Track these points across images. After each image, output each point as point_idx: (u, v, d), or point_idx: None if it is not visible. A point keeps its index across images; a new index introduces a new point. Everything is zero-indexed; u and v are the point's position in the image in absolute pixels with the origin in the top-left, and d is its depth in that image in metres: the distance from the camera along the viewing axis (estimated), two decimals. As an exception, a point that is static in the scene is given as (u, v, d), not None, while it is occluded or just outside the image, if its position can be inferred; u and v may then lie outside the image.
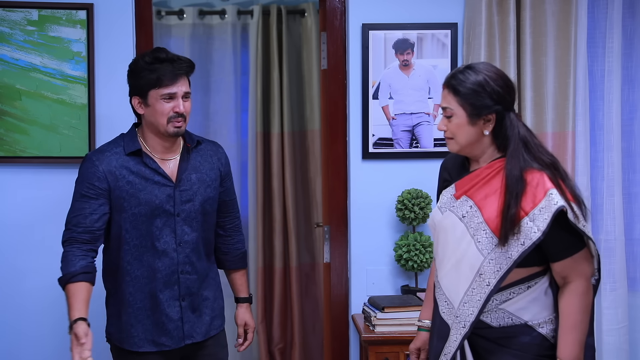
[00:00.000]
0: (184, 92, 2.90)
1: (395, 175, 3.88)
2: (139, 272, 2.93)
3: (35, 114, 3.68)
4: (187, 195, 2.96)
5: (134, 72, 2.92)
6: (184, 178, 2.96)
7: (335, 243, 3.97)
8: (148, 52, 2.95)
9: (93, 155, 2.94)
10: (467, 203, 2.52)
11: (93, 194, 2.87)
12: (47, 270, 3.72)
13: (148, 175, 2.92)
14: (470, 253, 2.47)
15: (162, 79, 2.86)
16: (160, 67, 2.86)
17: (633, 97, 3.99)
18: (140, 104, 2.92)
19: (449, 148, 2.60)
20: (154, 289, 2.93)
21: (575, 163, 3.84)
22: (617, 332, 3.88)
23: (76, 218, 2.86)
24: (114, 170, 2.89)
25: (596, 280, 2.53)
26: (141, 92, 2.90)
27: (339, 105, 3.95)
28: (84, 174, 2.91)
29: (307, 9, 5.26)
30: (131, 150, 2.93)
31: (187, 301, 2.98)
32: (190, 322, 2.99)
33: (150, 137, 2.95)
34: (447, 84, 2.53)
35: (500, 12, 3.84)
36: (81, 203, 2.88)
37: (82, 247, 2.84)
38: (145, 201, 2.89)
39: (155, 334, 2.95)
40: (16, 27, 3.67)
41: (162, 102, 2.87)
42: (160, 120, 2.88)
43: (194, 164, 3.01)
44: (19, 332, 3.73)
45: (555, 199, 2.38)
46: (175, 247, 2.94)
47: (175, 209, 2.93)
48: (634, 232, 4.00)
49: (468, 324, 2.46)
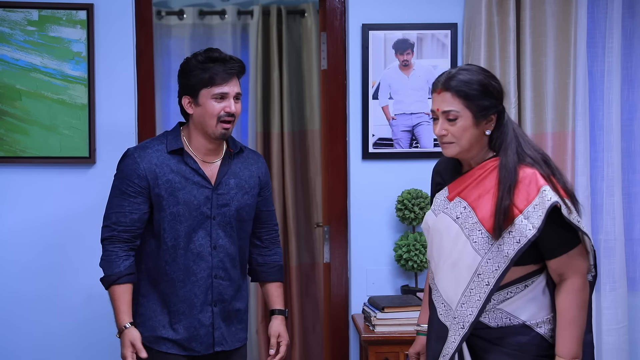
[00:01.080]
0: (235, 93, 2.89)
1: (395, 176, 3.89)
2: (175, 274, 2.90)
3: (36, 114, 3.68)
4: (224, 199, 2.93)
5: (186, 71, 2.90)
6: (223, 182, 2.94)
7: (335, 243, 3.98)
8: (200, 51, 2.92)
9: (135, 152, 2.91)
10: (460, 204, 2.52)
11: (132, 191, 2.86)
12: (48, 270, 3.74)
13: (188, 175, 2.90)
14: (467, 254, 2.46)
15: (215, 78, 2.84)
16: (212, 66, 2.85)
17: (633, 97, 4.00)
18: (191, 104, 2.90)
19: (446, 153, 2.54)
20: (188, 292, 2.91)
21: (575, 163, 3.84)
22: (616, 332, 3.88)
23: (115, 215, 2.86)
24: (154, 167, 2.87)
25: (593, 277, 2.54)
26: (192, 91, 2.87)
27: (339, 106, 3.95)
28: (124, 170, 2.90)
29: (307, 9, 5.27)
30: (173, 148, 2.91)
31: (218, 307, 2.95)
32: (220, 329, 2.96)
33: (195, 138, 2.93)
34: (447, 86, 2.48)
35: (500, 12, 3.84)
36: (120, 200, 2.87)
37: (124, 247, 2.85)
38: (184, 201, 2.87)
39: (186, 338, 2.92)
40: (16, 27, 3.68)
41: (213, 101, 2.85)
42: (210, 120, 2.86)
43: (234, 169, 2.99)
44: (19, 330, 3.73)
45: (548, 195, 2.38)
46: (210, 250, 2.92)
47: (212, 212, 2.91)
48: (633, 232, 4.00)
49: (467, 324, 2.46)
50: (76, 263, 3.72)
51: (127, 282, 2.85)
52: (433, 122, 2.55)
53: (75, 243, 3.73)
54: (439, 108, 2.50)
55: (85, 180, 3.75)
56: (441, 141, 2.54)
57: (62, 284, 3.74)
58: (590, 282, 2.52)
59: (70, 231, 3.74)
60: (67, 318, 3.73)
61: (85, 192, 3.75)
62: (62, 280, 3.74)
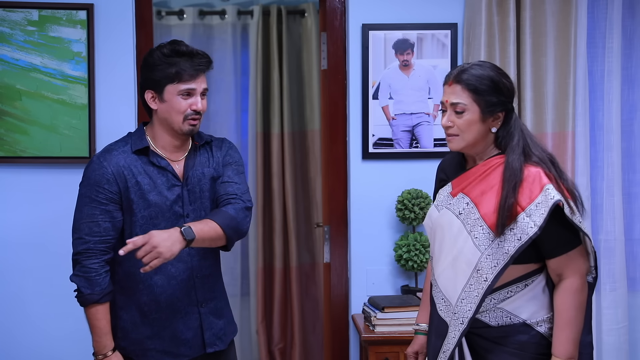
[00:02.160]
0: (202, 89, 2.74)
1: (395, 176, 3.89)
2: (152, 279, 2.73)
3: (36, 114, 3.69)
4: (195, 195, 2.78)
5: (150, 64, 2.73)
6: (191, 176, 2.78)
7: (335, 243, 3.98)
8: (165, 43, 2.76)
9: (100, 156, 2.74)
10: (463, 200, 2.53)
11: (103, 198, 2.68)
12: (48, 270, 3.74)
13: (156, 175, 2.73)
14: (467, 249, 2.47)
15: (182, 74, 2.69)
16: (179, 61, 2.70)
17: (633, 97, 4.00)
18: (154, 99, 2.73)
19: (451, 146, 2.56)
20: (170, 297, 2.75)
21: (575, 163, 3.84)
22: (616, 332, 3.88)
23: (88, 225, 2.68)
24: (121, 170, 2.70)
25: (593, 278, 2.54)
26: (156, 86, 2.71)
27: (339, 106, 3.95)
28: (92, 176, 2.71)
29: (307, 9, 5.27)
30: (138, 147, 2.74)
31: (206, 307, 2.82)
32: (211, 329, 2.83)
33: (161, 135, 2.77)
34: (458, 79, 2.49)
35: (500, 12, 3.84)
36: (91, 208, 2.68)
37: (102, 261, 2.67)
38: (155, 203, 2.71)
39: (173, 344, 2.78)
40: (16, 28, 3.68)
41: (179, 98, 2.70)
42: (176, 117, 2.71)
43: (201, 160, 2.83)
44: (19, 329, 3.73)
45: (551, 194, 2.39)
46: (188, 250, 2.72)
47: (184, 210, 2.76)
48: (633, 232, 4.01)
49: (466, 320, 2.46)
50: (76, 263, 3.72)
51: (108, 300, 2.68)
52: (442, 114, 2.56)
53: (75, 243, 3.73)
54: (448, 100, 2.51)
55: (85, 180, 3.74)
56: (446, 133, 2.55)
57: (61, 284, 3.72)
58: (590, 284, 2.52)
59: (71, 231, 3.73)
60: (66, 318, 3.73)
61: (85, 192, 3.74)
62: (61, 279, 3.72)
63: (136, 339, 2.77)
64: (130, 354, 2.78)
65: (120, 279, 2.76)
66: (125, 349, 2.78)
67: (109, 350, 2.70)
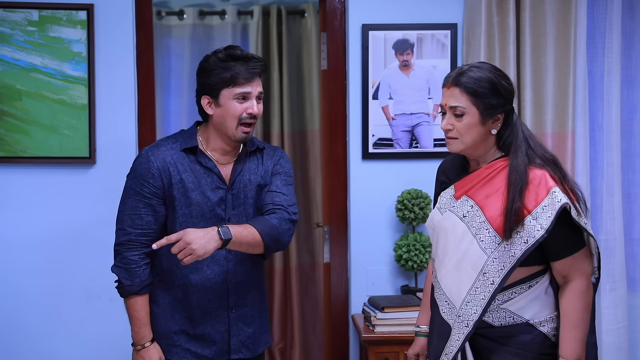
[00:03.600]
0: (258, 93, 2.74)
1: (395, 176, 3.89)
2: (187, 278, 2.75)
3: (36, 114, 3.69)
4: (239, 200, 2.78)
5: (206, 70, 2.74)
6: (237, 181, 2.79)
7: (335, 243, 3.98)
8: (221, 49, 2.76)
9: (148, 151, 2.76)
10: (467, 203, 2.52)
11: (147, 192, 2.71)
12: (48, 270, 3.74)
13: (201, 175, 2.75)
14: (473, 252, 2.46)
15: (237, 78, 2.69)
16: (234, 65, 2.70)
17: (632, 97, 4.00)
18: (210, 104, 2.74)
19: (450, 149, 2.55)
20: (202, 299, 2.76)
21: (574, 163, 3.84)
22: (616, 332, 3.88)
23: (131, 217, 2.71)
24: (167, 166, 2.72)
25: (596, 279, 2.54)
26: (212, 91, 2.72)
27: (339, 106, 3.96)
28: (138, 169, 2.74)
29: (307, 10, 5.27)
30: (187, 146, 2.76)
31: (236, 313, 2.81)
32: (238, 335, 2.82)
33: (213, 138, 2.78)
34: (457, 82, 2.49)
35: (500, 12, 3.84)
36: (135, 201, 2.71)
37: (142, 253, 2.71)
38: (197, 202, 2.73)
39: (199, 345, 2.78)
40: (17, 28, 3.68)
41: (235, 102, 2.70)
42: (231, 122, 2.71)
43: (250, 167, 2.82)
44: (19, 328, 3.73)
45: (558, 197, 2.39)
46: (225, 254, 2.75)
47: (226, 214, 2.77)
48: (633, 232, 4.01)
49: (471, 323, 2.46)
50: (76, 262, 3.73)
51: (148, 292, 2.73)
52: (441, 117, 2.56)
53: (75, 243, 3.73)
54: (447, 103, 2.51)
55: (85, 181, 3.75)
56: (446, 136, 2.54)
57: (62, 283, 3.75)
58: (593, 284, 2.52)
59: (71, 231, 3.74)
60: (67, 317, 3.74)
61: (85, 192, 3.75)
62: (62, 279, 3.74)
63: (164, 333, 2.79)
64: None
65: (157, 272, 2.80)
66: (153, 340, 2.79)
67: (147, 341, 2.75)
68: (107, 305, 3.72)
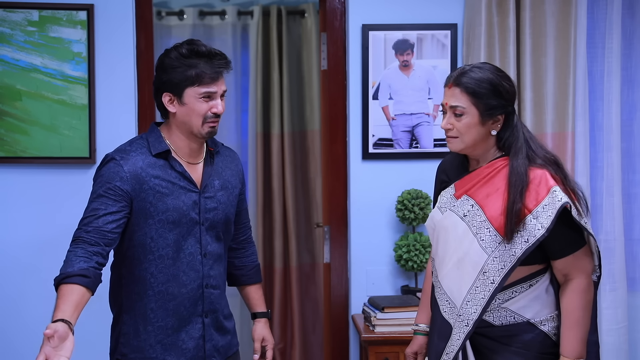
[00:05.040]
0: (222, 91, 2.68)
1: (395, 176, 3.89)
2: (163, 286, 2.66)
3: (36, 114, 3.69)
4: (212, 203, 2.72)
5: (167, 66, 2.63)
6: (209, 184, 2.72)
7: (335, 243, 3.98)
8: (182, 43, 2.66)
9: (116, 155, 2.65)
10: (468, 202, 2.52)
11: (112, 194, 2.57)
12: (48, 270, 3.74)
13: (174, 179, 2.65)
14: (473, 251, 2.46)
15: (203, 77, 2.60)
16: (198, 62, 2.61)
17: (632, 98, 4.00)
18: (172, 102, 2.64)
19: (450, 147, 2.56)
20: (177, 305, 2.68)
21: (574, 163, 3.84)
22: (616, 332, 3.88)
23: (88, 218, 2.56)
24: (139, 172, 2.60)
25: (597, 277, 2.54)
26: (175, 89, 2.61)
27: (339, 106, 3.96)
28: (105, 174, 2.61)
29: (307, 10, 5.27)
30: (158, 151, 2.65)
31: (210, 318, 2.75)
32: (212, 340, 2.76)
33: (178, 138, 2.69)
34: (458, 82, 2.49)
35: (500, 12, 3.84)
36: (97, 203, 2.58)
37: (88, 249, 2.50)
38: (173, 207, 2.63)
39: (175, 354, 2.69)
40: (17, 28, 3.68)
41: (200, 101, 2.61)
42: (195, 120, 2.62)
43: (217, 169, 2.78)
44: (16, 329, 3.73)
45: (559, 196, 2.39)
46: (200, 259, 2.69)
47: (200, 217, 2.69)
48: (633, 232, 4.01)
49: (471, 322, 2.46)
50: (76, 263, 3.72)
51: (77, 282, 2.41)
52: (442, 116, 2.56)
53: (75, 243, 3.73)
54: (448, 102, 2.51)
55: (85, 181, 3.74)
56: (446, 135, 2.55)
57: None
58: (594, 283, 2.52)
59: (70, 231, 3.72)
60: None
61: (85, 193, 3.69)
62: (62, 280, 3.75)
63: (138, 346, 2.69)
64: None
65: (127, 282, 2.70)
66: (126, 355, 2.71)
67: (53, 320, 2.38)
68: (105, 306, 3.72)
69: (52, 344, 2.28)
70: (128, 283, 2.69)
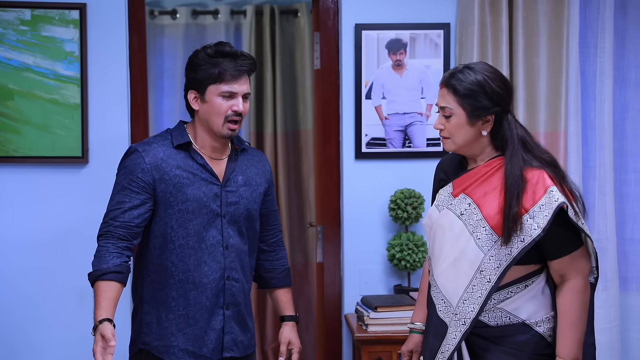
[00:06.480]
0: (244, 92, 2.74)
1: (388, 175, 3.89)
2: (184, 275, 2.72)
3: (28, 113, 3.68)
4: (233, 197, 2.78)
5: (194, 65, 2.74)
6: (232, 179, 2.80)
7: (328, 243, 3.98)
8: (210, 44, 2.77)
9: (139, 147, 2.74)
10: (465, 201, 2.53)
11: (135, 187, 2.68)
12: (41, 268, 3.73)
13: (195, 171, 2.74)
14: (470, 250, 2.46)
15: (224, 75, 2.69)
16: (222, 61, 2.70)
17: (625, 97, 4.01)
18: (197, 99, 2.74)
19: (444, 147, 2.58)
20: (199, 295, 2.74)
21: (567, 163, 3.85)
22: (609, 331, 3.89)
23: (114, 212, 2.66)
24: (159, 162, 2.70)
25: (595, 278, 2.54)
26: (199, 87, 2.72)
27: (332, 105, 3.96)
28: (128, 165, 2.71)
29: (300, 9, 5.27)
30: (179, 142, 2.75)
31: (230, 310, 2.80)
32: (231, 333, 2.80)
33: (201, 135, 2.77)
34: (447, 83, 2.51)
35: (493, 12, 3.85)
36: (122, 196, 2.68)
37: (118, 244, 2.62)
38: (193, 197, 2.71)
39: (196, 344, 2.75)
40: (9, 27, 3.67)
41: (220, 99, 2.70)
42: (216, 119, 2.71)
43: (242, 166, 2.84)
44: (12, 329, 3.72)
45: (555, 196, 2.39)
46: (222, 250, 2.76)
47: (222, 210, 2.76)
48: (625, 231, 4.01)
49: (469, 321, 2.46)
50: (69, 262, 3.71)
51: (113, 279, 2.56)
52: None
53: (68, 242, 3.72)
54: (438, 103, 2.54)
55: (78, 180, 3.75)
56: (440, 135, 2.57)
57: (54, 283, 3.74)
58: (591, 284, 2.52)
59: (63, 231, 3.74)
60: (59, 317, 3.73)
61: (78, 192, 3.74)
62: (54, 279, 3.74)
63: (160, 335, 2.75)
64: (154, 350, 2.76)
65: (148, 272, 2.77)
66: (149, 344, 2.76)
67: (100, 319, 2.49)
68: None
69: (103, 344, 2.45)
70: (150, 272, 2.77)
